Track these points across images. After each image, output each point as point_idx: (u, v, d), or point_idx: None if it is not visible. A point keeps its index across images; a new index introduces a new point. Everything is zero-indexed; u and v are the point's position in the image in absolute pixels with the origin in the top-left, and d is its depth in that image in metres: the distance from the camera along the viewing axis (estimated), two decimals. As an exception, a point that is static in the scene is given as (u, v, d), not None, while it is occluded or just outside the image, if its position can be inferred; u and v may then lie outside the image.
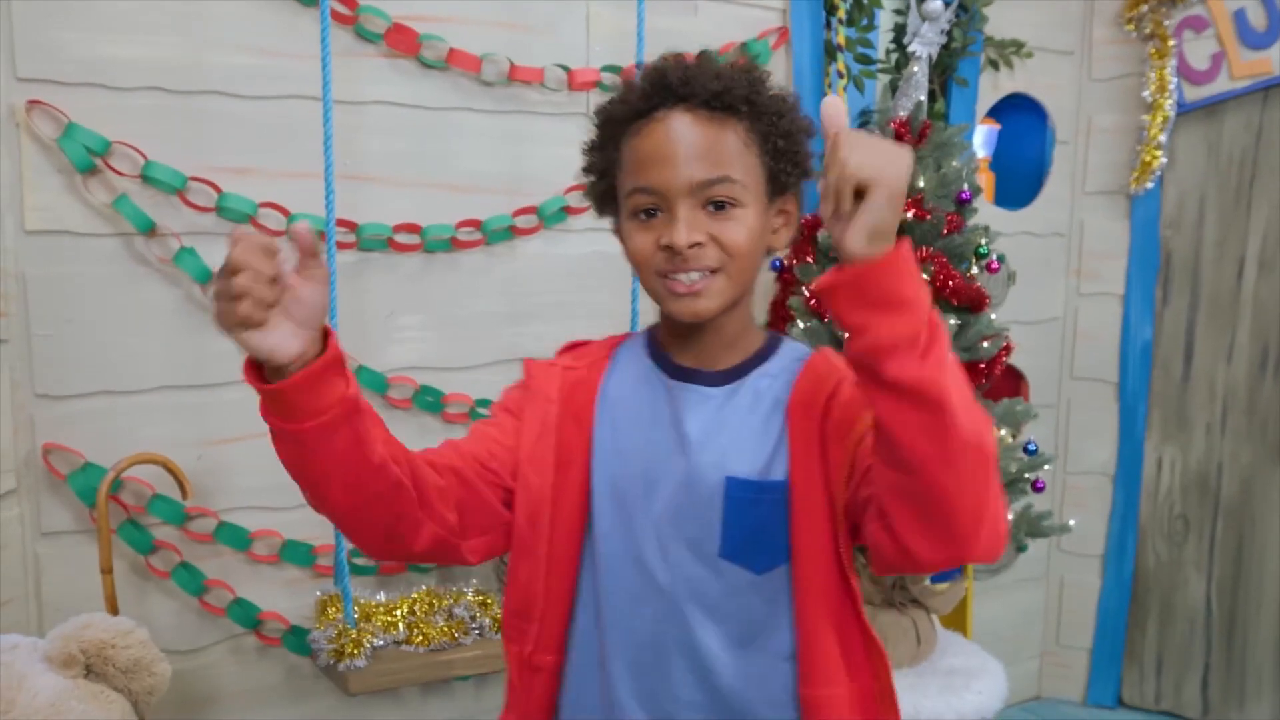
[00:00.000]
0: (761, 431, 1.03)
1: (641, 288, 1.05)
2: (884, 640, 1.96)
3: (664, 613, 1.02)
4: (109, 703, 1.38)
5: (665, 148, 0.97)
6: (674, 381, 1.05)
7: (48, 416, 1.67)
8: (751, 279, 1.03)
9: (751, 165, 0.99)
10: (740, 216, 0.98)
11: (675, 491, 1.02)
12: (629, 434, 1.05)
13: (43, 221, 1.64)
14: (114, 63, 1.66)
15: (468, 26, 1.94)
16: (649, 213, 0.98)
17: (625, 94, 1.02)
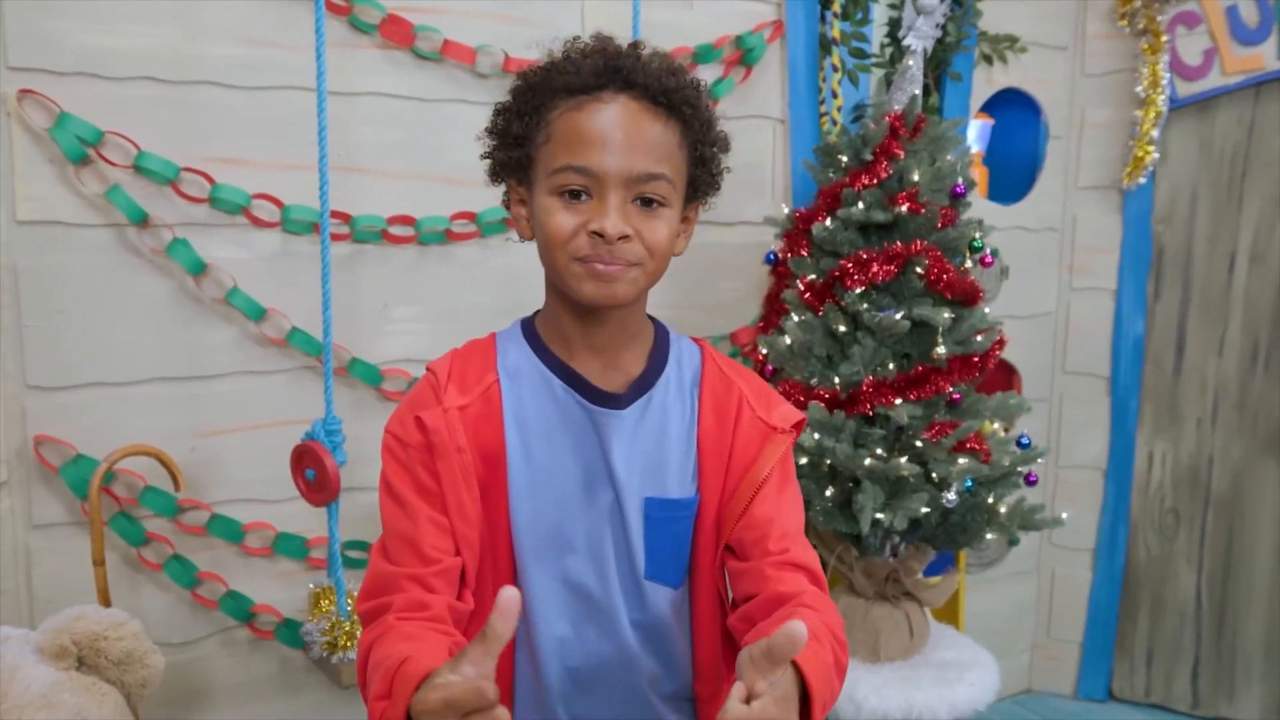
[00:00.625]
0: (675, 452, 1.07)
1: (550, 268, 1.03)
2: (877, 633, 1.97)
3: (603, 633, 1.07)
4: (101, 695, 1.37)
5: (609, 132, 0.97)
6: (594, 407, 1.04)
7: (39, 408, 1.66)
8: (659, 277, 1.04)
9: (679, 168, 1.01)
10: (665, 216, 1.00)
11: (601, 518, 1.05)
12: (547, 463, 1.04)
13: (34, 212, 1.63)
14: (107, 52, 1.64)
15: (463, 19, 1.93)
16: (575, 194, 0.98)
17: (568, 66, 0.99)
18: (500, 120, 1.04)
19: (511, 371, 1.07)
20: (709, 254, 2.28)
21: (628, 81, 0.98)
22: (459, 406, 1.03)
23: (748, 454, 1.08)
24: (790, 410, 1.12)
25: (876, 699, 1.91)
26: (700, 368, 1.10)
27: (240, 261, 1.78)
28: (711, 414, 1.08)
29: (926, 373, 1.90)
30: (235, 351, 1.80)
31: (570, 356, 1.05)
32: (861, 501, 1.82)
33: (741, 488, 1.08)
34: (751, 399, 1.10)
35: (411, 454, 1.03)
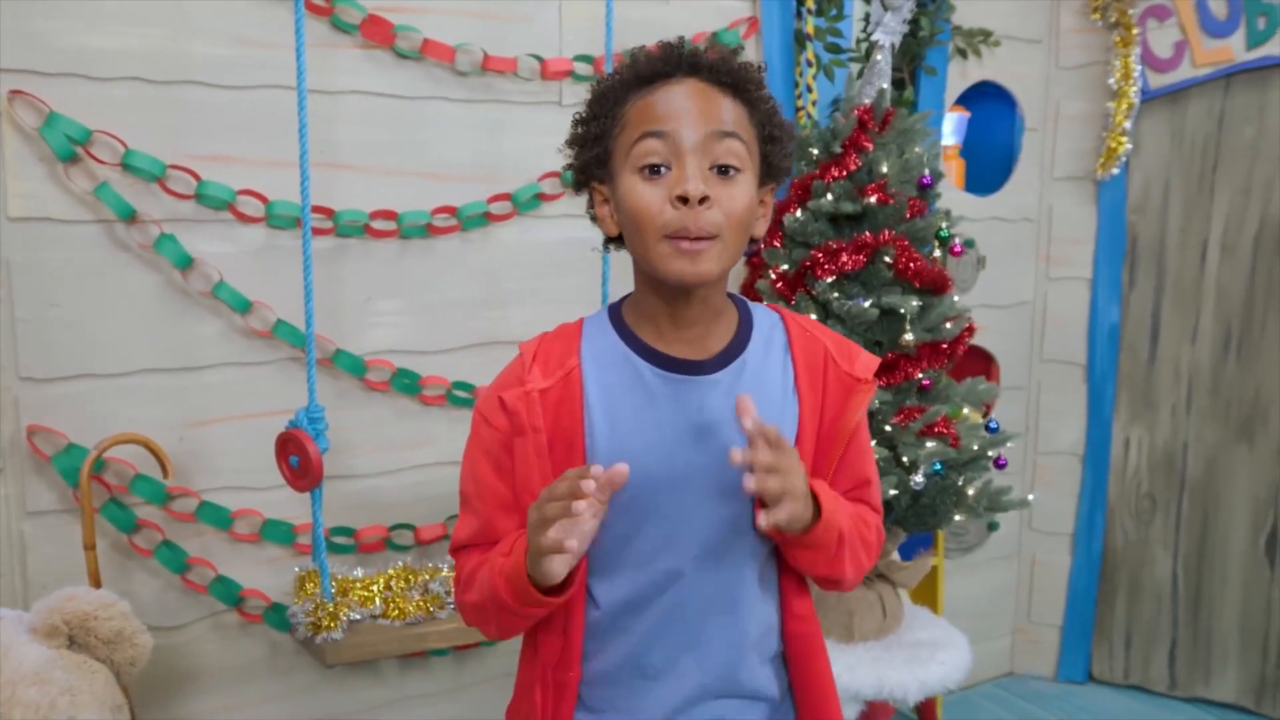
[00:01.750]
0: (777, 408, 1.10)
1: (640, 252, 1.04)
2: (851, 613, 2.03)
3: (695, 592, 1.09)
4: (91, 672, 1.43)
5: (682, 101, 1.01)
6: (678, 376, 1.07)
7: (32, 399, 1.72)
8: (740, 252, 1.07)
9: (752, 141, 1.05)
10: (742, 183, 1.03)
11: (705, 475, 1.07)
12: (640, 441, 1.06)
13: (25, 209, 1.68)
14: (95, 53, 1.70)
15: (442, 17, 1.98)
16: (655, 170, 1.01)
17: (636, 63, 1.04)
18: (579, 129, 1.09)
19: (594, 355, 1.09)
20: (687, 246, 2.33)
21: (694, 66, 1.03)
22: (540, 389, 1.06)
23: (836, 406, 1.12)
24: (870, 359, 1.17)
25: (849, 676, 1.97)
26: (786, 330, 1.15)
27: (226, 256, 1.83)
28: (805, 372, 1.12)
29: (896, 359, 1.96)
30: (222, 343, 1.86)
31: (658, 339, 1.08)
32: (832, 485, 1.88)
33: (835, 439, 1.13)
34: (835, 353, 1.14)
35: (493, 434, 1.09)
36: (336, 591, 1.77)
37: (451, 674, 2.16)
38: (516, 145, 2.09)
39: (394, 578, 1.85)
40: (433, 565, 1.93)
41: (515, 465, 1.08)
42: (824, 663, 1.19)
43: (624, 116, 1.04)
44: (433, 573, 1.88)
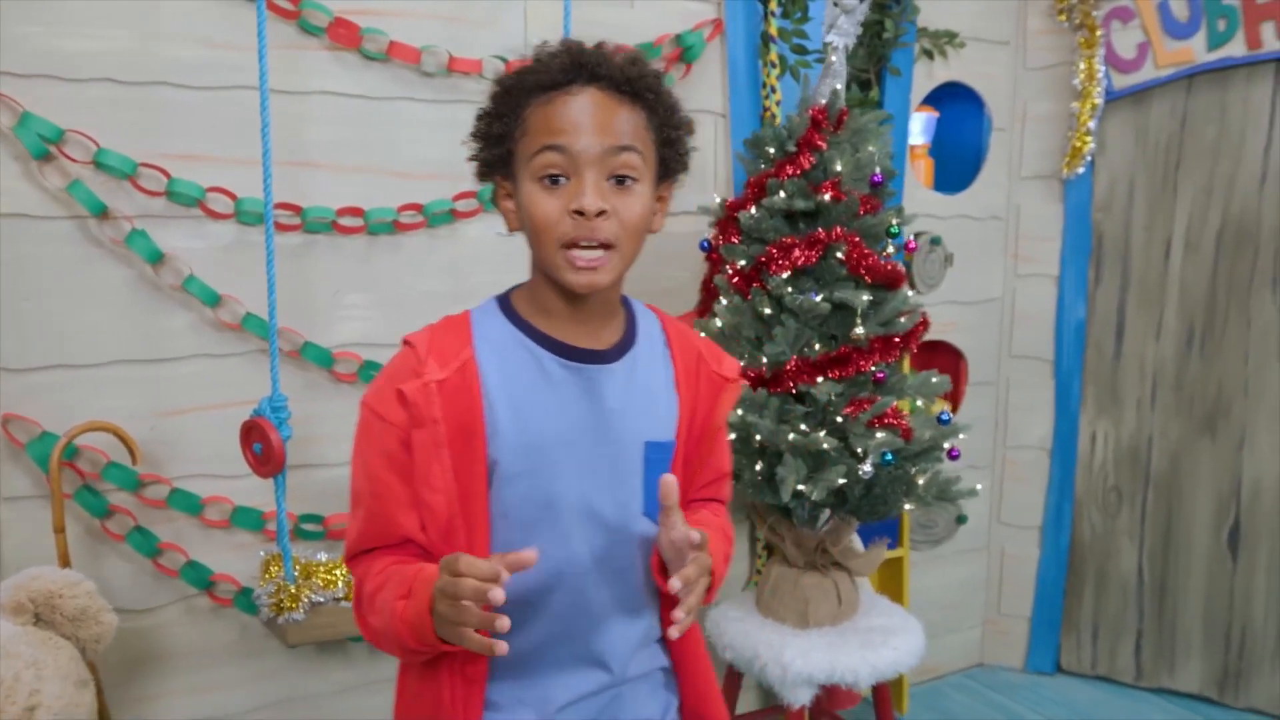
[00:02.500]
0: (662, 401, 1.17)
1: (539, 256, 1.09)
2: (806, 600, 2.08)
3: (605, 572, 1.15)
4: (56, 648, 1.49)
5: (580, 115, 1.05)
6: (584, 366, 1.12)
7: (7, 389, 1.78)
8: (635, 257, 1.13)
9: (649, 147, 1.10)
10: (638, 193, 1.08)
11: (605, 463, 1.13)
12: (543, 427, 1.10)
13: (3, 205, 1.75)
14: (67, 55, 1.76)
15: (409, 20, 2.04)
16: (554, 180, 1.06)
17: (538, 67, 1.08)
18: (482, 124, 1.13)
19: (489, 345, 1.12)
20: (653, 242, 2.35)
21: (594, 74, 1.07)
22: (438, 380, 1.08)
23: (708, 404, 1.21)
24: (734, 361, 1.26)
25: (802, 662, 2.02)
26: (663, 329, 1.22)
27: (196, 251, 1.90)
28: (682, 370, 1.19)
29: (848, 353, 2.01)
30: (192, 336, 1.92)
31: (552, 328, 1.13)
32: (783, 474, 1.93)
33: (705, 435, 1.21)
34: (706, 354, 1.23)
35: (388, 430, 1.09)
36: (300, 574, 1.84)
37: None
38: (482, 144, 2.14)
39: (358, 562, 1.90)
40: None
41: (415, 459, 1.09)
42: (700, 637, 1.28)
43: (526, 121, 1.08)
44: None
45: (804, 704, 2.05)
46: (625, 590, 1.16)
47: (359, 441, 1.14)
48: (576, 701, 1.16)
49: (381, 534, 1.12)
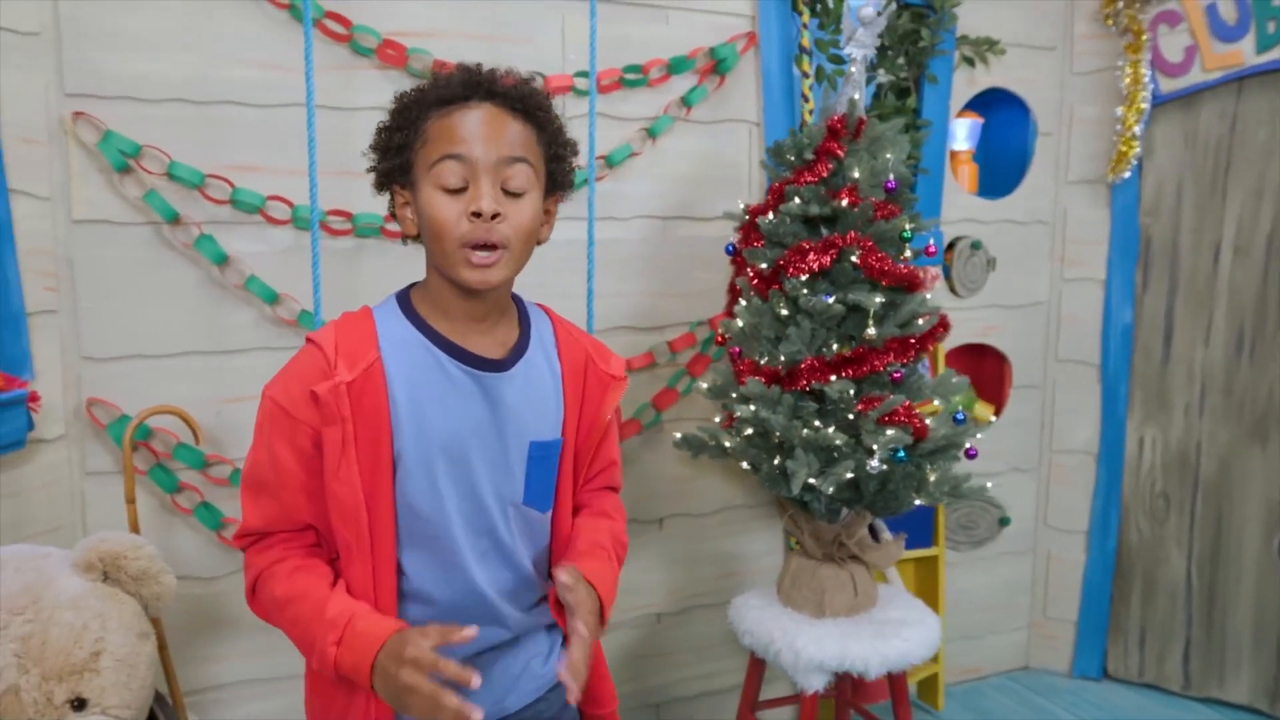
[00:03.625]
0: (549, 403, 1.30)
1: (437, 257, 1.19)
2: (822, 590, 2.17)
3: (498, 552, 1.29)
4: (121, 603, 1.68)
5: (477, 127, 1.16)
6: (484, 374, 1.23)
7: (91, 375, 2.00)
8: (525, 260, 1.24)
9: (538, 161, 1.22)
10: (528, 201, 1.20)
11: (493, 460, 1.25)
12: (442, 427, 1.21)
13: (87, 212, 1.97)
14: (144, 78, 1.97)
15: (451, 40, 2.20)
16: (453, 186, 1.16)
17: (438, 83, 1.20)
18: (382, 136, 1.24)
19: (393, 347, 1.20)
20: (689, 247, 2.51)
21: (489, 92, 1.19)
22: (347, 382, 1.16)
23: (596, 400, 1.33)
24: (620, 360, 1.38)
25: (814, 649, 2.11)
26: (553, 330, 1.33)
27: (257, 254, 2.09)
28: (569, 372, 1.31)
29: (864, 353, 2.09)
30: (253, 330, 2.11)
31: (451, 330, 1.23)
32: (793, 468, 2.02)
33: (594, 429, 1.33)
34: (593, 354, 1.34)
35: (298, 426, 1.18)
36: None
37: (461, 634, 2.38)
38: (521, 154, 2.29)
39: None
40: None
41: (325, 454, 1.17)
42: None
43: (425, 132, 1.18)
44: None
45: (817, 690, 2.13)
46: (509, 563, 1.29)
47: (264, 432, 1.21)
48: (478, 654, 1.29)
49: (285, 520, 1.23)
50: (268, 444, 1.21)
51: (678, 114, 2.45)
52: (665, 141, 2.45)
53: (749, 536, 2.69)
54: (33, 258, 1.91)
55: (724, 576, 2.66)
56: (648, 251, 2.48)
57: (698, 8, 2.45)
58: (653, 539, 2.59)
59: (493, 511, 1.26)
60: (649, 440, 2.53)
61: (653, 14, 2.41)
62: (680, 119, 2.46)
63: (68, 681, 1.57)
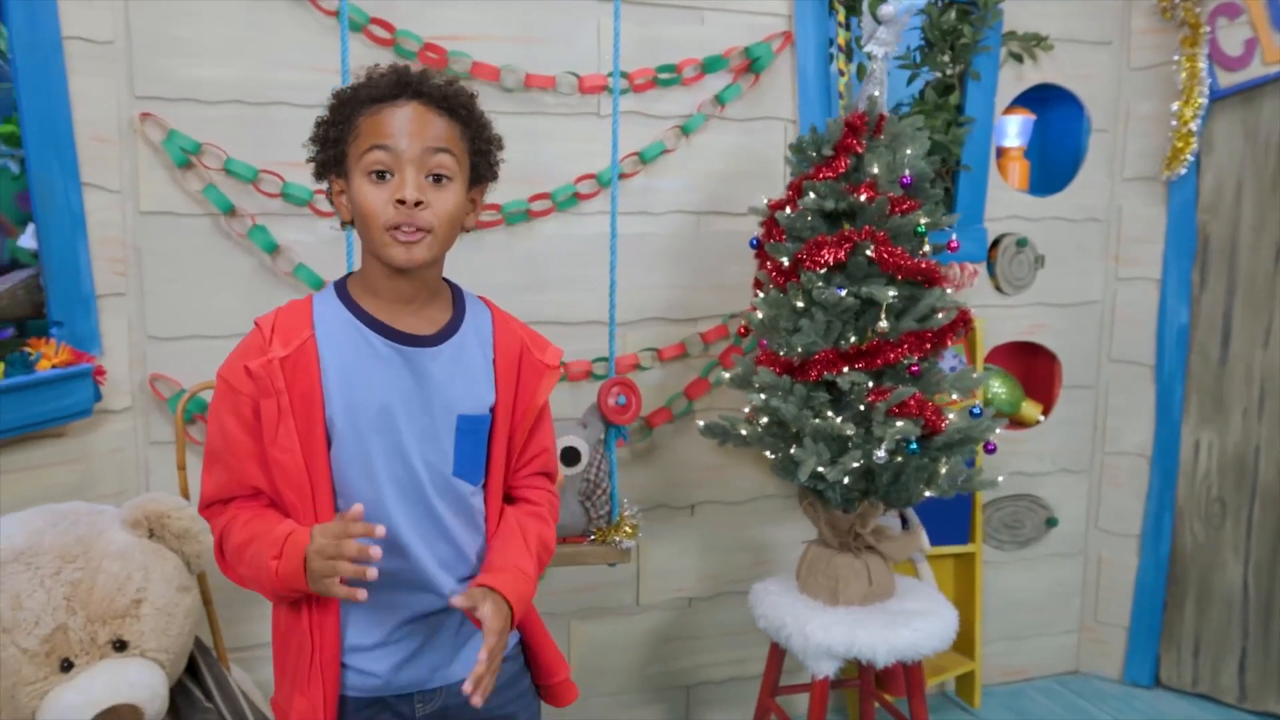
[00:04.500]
0: (478, 381, 1.38)
1: (366, 240, 1.28)
2: (836, 579, 2.22)
3: (426, 514, 1.36)
4: (164, 558, 1.86)
5: (404, 122, 1.26)
6: (407, 348, 1.32)
7: (155, 353, 2.19)
8: (449, 244, 1.33)
9: (461, 154, 1.31)
10: (452, 190, 1.29)
11: (420, 426, 1.34)
12: (368, 397, 1.30)
13: (152, 204, 2.16)
14: (204, 82, 2.15)
15: (489, 42, 2.33)
16: (381, 175, 1.26)
17: (369, 82, 1.30)
18: (320, 130, 1.35)
19: (326, 326, 1.31)
20: (722, 241, 2.57)
21: (417, 91, 1.29)
22: (280, 357, 1.27)
23: (530, 387, 1.41)
24: (556, 350, 1.46)
25: (823, 634, 2.15)
26: (491, 319, 1.43)
27: (306, 244, 2.26)
28: (502, 359, 1.40)
29: (878, 346, 2.12)
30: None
31: (380, 310, 1.33)
32: (800, 456, 2.08)
33: (527, 414, 1.42)
34: (530, 344, 1.43)
35: (240, 398, 1.29)
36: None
37: (494, 607, 2.50)
38: (556, 151, 2.40)
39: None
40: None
41: (263, 422, 1.28)
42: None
43: (358, 127, 1.28)
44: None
45: (827, 675, 2.18)
46: (442, 533, 1.36)
47: (215, 407, 1.33)
48: (415, 619, 1.37)
49: (237, 485, 1.33)
50: (218, 417, 1.32)
51: (712, 112, 2.52)
52: (699, 138, 2.53)
53: (781, 526, 2.74)
54: (103, 245, 2.11)
55: (756, 564, 2.72)
56: (681, 245, 2.56)
57: (733, 8, 2.51)
58: (684, 524, 2.67)
59: (424, 481, 1.34)
60: (681, 429, 2.61)
61: (688, 15, 2.49)
62: (714, 116, 2.53)
63: (111, 624, 1.74)
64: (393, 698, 1.39)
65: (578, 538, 2.22)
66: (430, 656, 1.40)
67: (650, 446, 2.62)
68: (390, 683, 1.38)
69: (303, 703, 1.35)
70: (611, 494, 2.23)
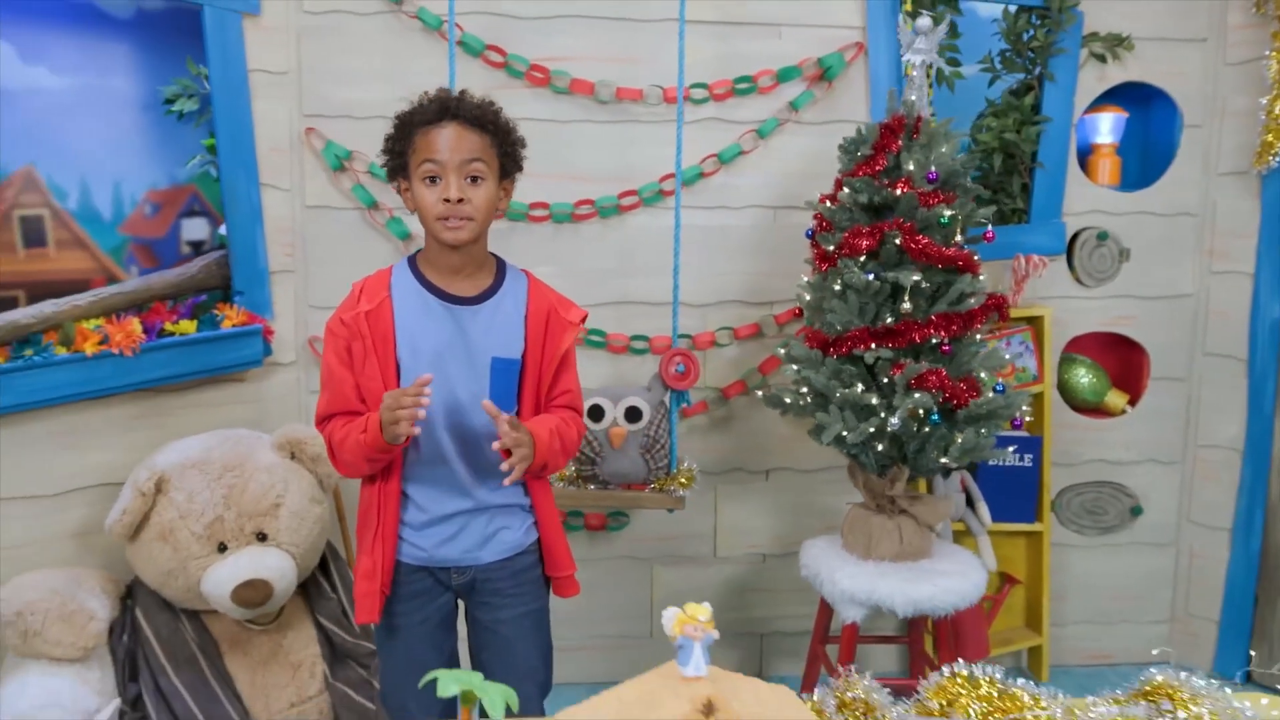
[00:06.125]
0: (512, 333, 1.78)
1: (425, 226, 1.73)
2: (870, 536, 2.51)
3: (466, 433, 1.79)
4: (301, 475, 2.38)
5: (447, 140, 1.70)
6: (455, 306, 1.75)
7: (314, 319, 2.75)
8: (487, 225, 1.75)
9: (491, 158, 1.72)
10: (485, 186, 1.72)
11: (465, 364, 1.76)
12: (425, 343, 1.74)
13: (315, 200, 2.72)
14: (356, 102, 2.68)
15: (586, 61, 2.73)
16: (433, 180, 1.70)
17: (421, 109, 1.74)
18: (388, 144, 1.79)
19: (399, 290, 1.77)
20: (796, 233, 2.85)
21: (455, 114, 1.72)
22: (365, 311, 1.73)
23: (555, 337, 1.80)
24: (579, 310, 1.85)
25: (849, 583, 2.40)
26: (527, 286, 1.83)
27: (432, 232, 2.75)
28: (534, 313, 1.80)
29: (905, 326, 2.35)
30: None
31: (436, 277, 1.78)
32: (825, 421, 2.34)
33: (552, 359, 1.81)
34: (557, 305, 1.82)
35: (338, 341, 1.74)
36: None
37: (585, 548, 2.91)
38: (643, 154, 2.77)
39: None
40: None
41: (353, 358, 1.74)
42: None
43: (414, 144, 1.72)
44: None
45: (854, 620, 2.42)
46: (479, 447, 1.76)
47: (325, 348, 1.79)
48: (452, 515, 1.80)
49: (338, 404, 1.77)
50: (325, 355, 1.79)
51: (786, 116, 2.81)
52: (775, 140, 2.82)
53: (851, 494, 2.97)
54: (276, 233, 2.68)
55: (825, 528, 2.97)
56: (758, 236, 2.86)
57: (809, 23, 2.79)
58: (760, 487, 2.97)
59: (465, 408, 1.77)
60: (756, 402, 2.91)
61: (767, 31, 2.79)
62: (790, 121, 2.82)
63: (255, 520, 2.28)
64: (435, 568, 1.84)
65: (639, 485, 2.58)
66: (464, 542, 1.83)
67: (728, 416, 2.94)
68: (433, 556, 1.83)
69: (367, 561, 1.81)
70: (671, 449, 2.58)
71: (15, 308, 2.37)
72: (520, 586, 1.88)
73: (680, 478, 2.58)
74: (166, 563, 2.22)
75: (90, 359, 2.34)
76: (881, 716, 1.30)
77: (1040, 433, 2.93)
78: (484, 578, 1.85)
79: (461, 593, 1.88)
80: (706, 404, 2.91)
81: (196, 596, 2.24)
